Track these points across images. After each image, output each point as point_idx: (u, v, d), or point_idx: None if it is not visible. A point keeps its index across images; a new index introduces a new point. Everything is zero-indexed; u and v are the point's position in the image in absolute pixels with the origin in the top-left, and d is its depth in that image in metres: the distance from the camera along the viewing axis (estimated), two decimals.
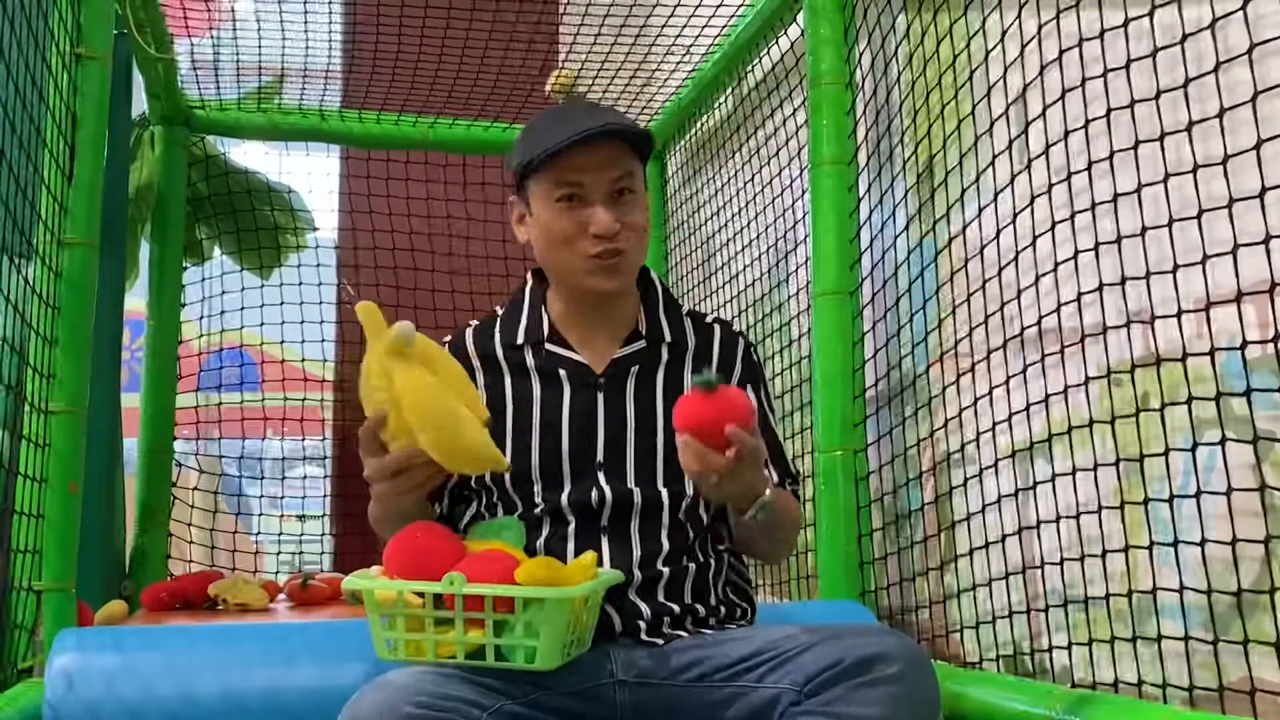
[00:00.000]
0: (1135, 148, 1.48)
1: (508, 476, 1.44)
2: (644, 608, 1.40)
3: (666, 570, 1.42)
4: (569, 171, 1.40)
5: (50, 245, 1.78)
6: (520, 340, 1.50)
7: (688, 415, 1.27)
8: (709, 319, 1.58)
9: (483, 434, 1.32)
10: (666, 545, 1.43)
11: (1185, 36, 1.39)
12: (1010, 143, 1.78)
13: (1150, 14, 1.45)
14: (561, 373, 1.47)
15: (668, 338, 1.51)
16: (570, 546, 1.41)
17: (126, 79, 2.50)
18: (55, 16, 1.84)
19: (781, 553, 1.63)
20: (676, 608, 1.42)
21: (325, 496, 3.55)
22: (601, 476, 1.43)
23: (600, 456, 1.44)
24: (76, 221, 1.80)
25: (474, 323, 1.57)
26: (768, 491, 1.35)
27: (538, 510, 1.43)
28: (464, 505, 1.51)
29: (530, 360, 1.49)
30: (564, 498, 1.43)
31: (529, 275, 1.56)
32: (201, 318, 3.24)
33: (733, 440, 1.24)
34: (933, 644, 2.00)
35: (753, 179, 2.84)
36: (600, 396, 1.47)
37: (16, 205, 1.75)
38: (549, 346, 1.48)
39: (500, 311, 1.56)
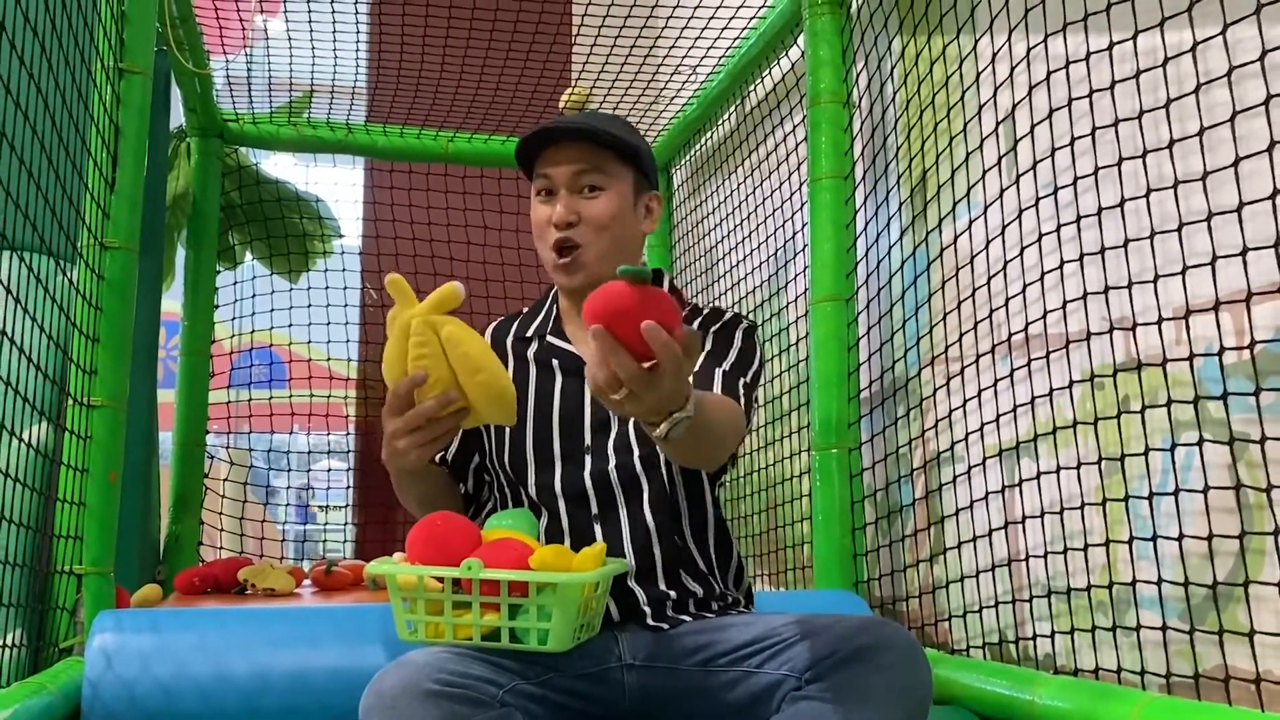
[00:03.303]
0: (1119, 164, 1.47)
1: (507, 460, 1.46)
2: (642, 593, 1.40)
3: (659, 553, 1.41)
4: (542, 166, 1.45)
5: (93, 249, 1.78)
6: (530, 333, 1.52)
7: (602, 305, 0.99)
8: (706, 310, 1.53)
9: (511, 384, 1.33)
10: (653, 527, 1.41)
11: (1167, 60, 1.39)
12: (1000, 159, 1.78)
13: (1134, 38, 1.45)
14: (554, 362, 1.48)
15: None
16: (565, 532, 1.42)
17: (165, 93, 2.50)
18: (100, 33, 1.84)
19: (718, 456, 1.34)
20: (674, 593, 1.41)
21: (347, 488, 3.55)
22: (588, 460, 1.44)
23: (588, 441, 1.45)
24: (118, 227, 1.81)
25: (501, 317, 1.60)
26: (688, 405, 1.09)
27: (532, 495, 1.44)
28: (486, 488, 1.54)
29: (532, 351, 1.50)
30: (555, 482, 1.43)
31: None
32: (233, 319, 3.24)
33: (651, 341, 0.98)
34: (922, 632, 2.00)
35: (754, 191, 2.84)
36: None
37: (63, 211, 1.76)
38: (548, 338, 1.50)
39: (525, 309, 1.59)
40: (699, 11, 2.61)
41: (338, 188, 3.49)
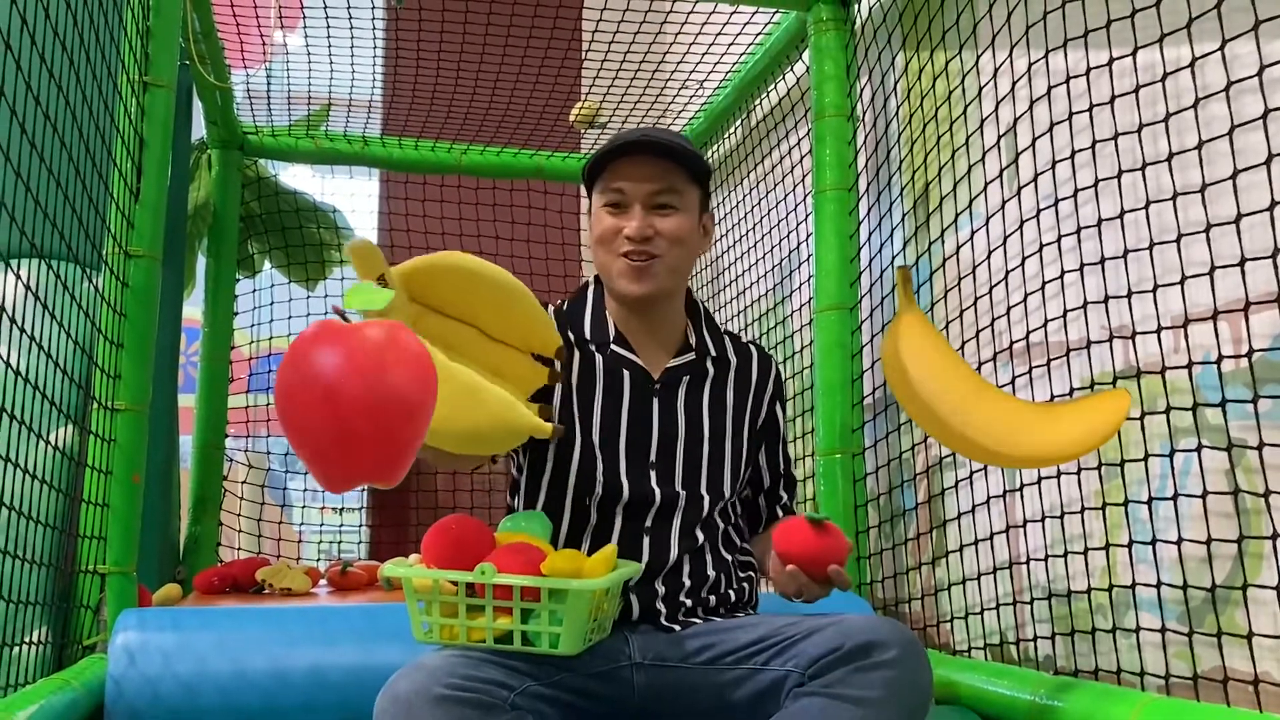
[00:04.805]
0: (1118, 176, 1.47)
1: (574, 462, 1.42)
2: (665, 598, 1.40)
3: (695, 564, 1.42)
4: (613, 179, 1.42)
5: (118, 257, 1.79)
6: (588, 336, 1.48)
7: (798, 545, 1.30)
8: (744, 340, 1.59)
9: (506, 409, 1.13)
10: (700, 542, 1.43)
11: (1166, 74, 1.39)
12: (1001, 171, 1.77)
13: (1133, 54, 1.44)
14: (625, 374, 1.46)
15: (713, 353, 1.51)
16: (615, 536, 1.41)
17: (187, 106, 2.51)
18: (126, 48, 1.85)
19: None
20: (690, 601, 1.41)
21: (361, 491, 3.55)
22: (653, 476, 1.43)
23: (653, 456, 1.44)
24: (142, 235, 1.81)
25: (553, 304, 1.52)
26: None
27: (591, 499, 1.42)
28: (526, 467, 1.47)
29: (597, 358, 1.47)
30: (622, 491, 1.42)
31: (592, 278, 1.54)
32: (252, 325, 3.24)
33: (834, 579, 1.29)
34: (924, 633, 1.99)
35: (760, 202, 2.83)
36: (656, 401, 1.46)
37: (89, 220, 1.76)
38: (614, 348, 1.47)
39: (564, 305, 1.52)
40: (706, 27, 2.62)
41: (354, 199, 3.49)
